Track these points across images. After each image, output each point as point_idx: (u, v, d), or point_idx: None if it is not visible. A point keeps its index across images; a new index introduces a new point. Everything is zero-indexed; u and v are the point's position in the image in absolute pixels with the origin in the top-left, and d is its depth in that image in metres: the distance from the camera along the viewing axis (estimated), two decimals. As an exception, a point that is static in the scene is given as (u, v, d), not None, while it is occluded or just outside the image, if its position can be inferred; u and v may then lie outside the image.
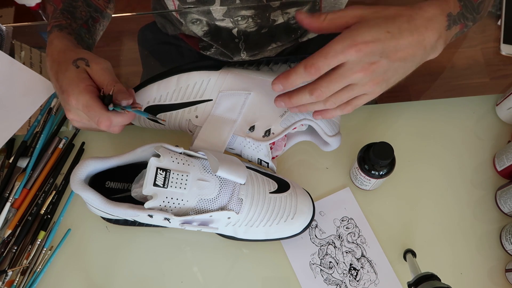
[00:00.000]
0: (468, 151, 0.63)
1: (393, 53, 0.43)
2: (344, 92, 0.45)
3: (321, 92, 0.45)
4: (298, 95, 0.47)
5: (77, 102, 0.47)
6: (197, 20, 0.69)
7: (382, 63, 0.43)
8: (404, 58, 0.44)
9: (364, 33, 0.42)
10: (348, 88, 0.45)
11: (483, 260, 0.58)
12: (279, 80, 0.46)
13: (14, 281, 0.56)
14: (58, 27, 0.54)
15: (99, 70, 0.49)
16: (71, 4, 0.57)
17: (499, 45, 0.77)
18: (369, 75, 0.43)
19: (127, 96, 0.48)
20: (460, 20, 0.47)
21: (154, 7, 0.78)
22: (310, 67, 0.43)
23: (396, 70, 0.45)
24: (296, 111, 0.50)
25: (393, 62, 0.43)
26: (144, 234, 0.60)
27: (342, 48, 0.42)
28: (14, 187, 0.60)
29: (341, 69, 0.43)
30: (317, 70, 0.43)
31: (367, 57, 0.42)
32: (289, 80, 0.45)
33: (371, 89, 0.45)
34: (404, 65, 0.45)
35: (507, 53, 0.76)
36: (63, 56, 0.50)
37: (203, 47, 0.77)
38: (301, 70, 0.43)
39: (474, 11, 0.50)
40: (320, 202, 0.60)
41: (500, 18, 0.78)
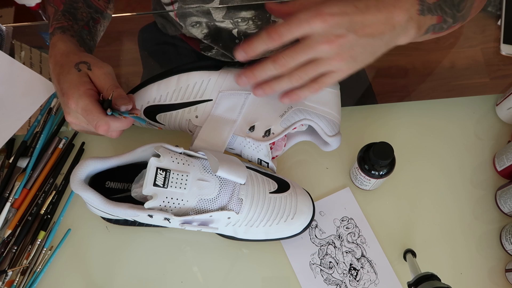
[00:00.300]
0: (468, 151, 0.63)
1: (360, 28, 0.42)
2: (309, 66, 0.44)
3: (284, 60, 0.43)
4: (261, 66, 0.45)
5: (76, 105, 0.47)
6: (196, 23, 0.69)
7: (348, 37, 0.42)
8: (372, 34, 0.43)
9: (331, 5, 0.41)
10: (314, 63, 0.44)
11: (483, 260, 0.58)
12: (242, 47, 0.44)
13: (14, 281, 0.56)
14: (61, 29, 0.54)
15: (100, 75, 0.49)
16: (72, 6, 0.57)
17: (499, 45, 0.77)
18: (335, 49, 0.42)
19: (127, 102, 0.48)
20: (437, 12, 0.47)
21: (154, 7, 0.78)
22: (272, 31, 0.42)
23: (364, 46, 0.44)
24: (261, 93, 0.48)
25: (360, 37, 0.42)
26: (144, 234, 0.60)
27: (307, 17, 0.41)
28: (14, 187, 0.60)
29: (306, 40, 0.42)
30: (279, 35, 0.42)
31: (333, 29, 0.41)
32: (252, 45, 0.43)
33: (338, 65, 0.44)
34: (372, 42, 0.44)
35: (507, 53, 0.76)
36: (66, 59, 0.50)
37: (203, 48, 0.77)
38: (264, 35, 0.42)
39: (454, 8, 0.49)
40: (320, 202, 0.60)
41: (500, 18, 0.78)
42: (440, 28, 0.49)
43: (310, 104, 0.57)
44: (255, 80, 0.46)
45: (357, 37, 0.42)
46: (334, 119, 0.57)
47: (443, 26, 0.49)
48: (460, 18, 0.51)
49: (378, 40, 0.44)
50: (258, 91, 0.48)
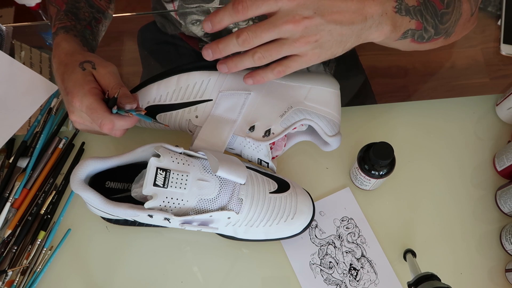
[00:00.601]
0: (468, 151, 0.63)
1: (329, 13, 0.41)
2: (273, 45, 0.43)
3: (248, 35, 0.42)
4: (226, 39, 0.44)
5: (81, 104, 0.47)
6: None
7: (315, 20, 0.41)
8: (340, 21, 0.42)
9: None
10: (278, 42, 0.43)
11: (483, 260, 0.58)
12: (208, 18, 0.44)
13: (14, 281, 0.56)
14: (64, 29, 0.54)
15: (105, 74, 0.49)
16: (74, 5, 0.57)
17: (499, 45, 0.77)
18: (300, 30, 0.42)
19: (132, 100, 0.48)
20: (417, 16, 0.46)
21: (154, 7, 0.78)
22: (238, 3, 0.41)
23: (331, 33, 0.42)
24: (225, 68, 0.47)
25: (327, 22, 0.41)
26: (144, 234, 0.60)
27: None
28: (14, 187, 0.60)
29: (271, 17, 0.42)
30: (244, 8, 0.41)
31: (300, 9, 0.41)
32: (217, 16, 0.43)
33: (302, 48, 0.43)
34: (340, 30, 0.42)
35: (507, 53, 0.76)
36: (70, 58, 0.50)
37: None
38: (229, 6, 0.42)
39: (436, 18, 0.48)
40: (320, 202, 0.60)
41: (500, 18, 0.78)
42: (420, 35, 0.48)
43: (310, 104, 0.57)
44: (219, 54, 0.46)
45: (325, 22, 0.41)
46: (334, 119, 0.57)
47: (423, 34, 0.49)
48: (442, 31, 0.50)
49: (347, 29, 0.43)
50: (221, 66, 0.48)
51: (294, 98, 0.57)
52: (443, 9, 0.49)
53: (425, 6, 0.47)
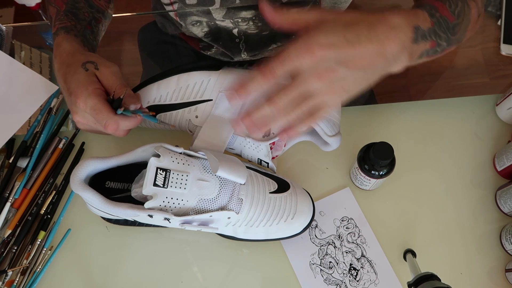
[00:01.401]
0: (468, 151, 0.63)
1: (351, 61, 0.41)
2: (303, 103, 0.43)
3: (279, 99, 0.43)
4: (257, 109, 0.44)
5: (85, 105, 0.47)
6: (197, 22, 0.69)
7: (339, 72, 0.41)
8: (363, 67, 0.42)
9: (320, 37, 0.40)
10: (306, 98, 0.43)
11: (483, 260, 0.58)
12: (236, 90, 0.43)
13: (14, 281, 0.56)
14: (64, 29, 0.54)
15: (108, 74, 0.49)
16: (74, 6, 0.57)
17: (499, 45, 0.77)
18: (325, 83, 0.42)
19: (136, 100, 0.49)
20: (431, 37, 0.46)
21: (154, 7, 0.78)
22: (265, 70, 0.41)
23: (356, 79, 0.43)
24: (257, 131, 0.47)
25: (351, 70, 0.41)
26: (144, 234, 0.60)
27: (297, 53, 0.40)
28: (14, 187, 0.60)
29: (297, 77, 0.42)
30: (272, 74, 0.41)
31: (323, 63, 0.40)
32: (245, 86, 0.43)
33: (329, 98, 0.43)
34: (363, 74, 0.43)
35: (507, 53, 0.76)
36: (72, 58, 0.50)
37: (203, 47, 0.77)
38: (257, 76, 0.42)
39: (448, 31, 0.48)
40: (320, 202, 0.60)
41: (500, 18, 0.78)
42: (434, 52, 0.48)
43: (310, 104, 0.57)
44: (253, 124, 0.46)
45: (348, 70, 0.41)
46: (334, 119, 0.57)
47: (437, 49, 0.49)
48: (454, 41, 0.50)
49: (370, 71, 0.43)
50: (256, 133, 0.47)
51: (294, 98, 0.57)
52: (454, 21, 0.48)
53: (438, 23, 0.47)
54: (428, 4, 0.47)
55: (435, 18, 0.46)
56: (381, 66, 0.43)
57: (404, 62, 0.44)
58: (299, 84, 0.42)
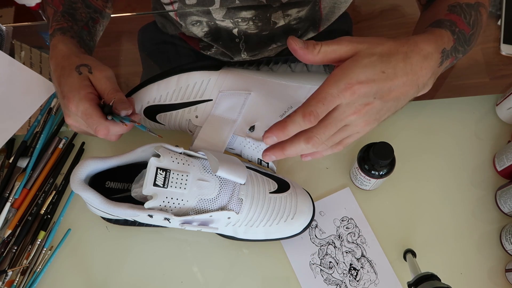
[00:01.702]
0: (468, 151, 0.63)
1: (387, 94, 0.41)
2: (337, 135, 0.44)
3: (318, 139, 0.42)
4: (293, 146, 0.42)
5: (76, 109, 0.47)
6: (197, 21, 0.69)
7: (375, 104, 0.41)
8: (397, 97, 0.42)
9: (359, 74, 0.40)
10: (341, 130, 0.43)
11: (483, 260, 0.58)
12: (273, 132, 0.41)
13: (14, 281, 0.56)
14: (61, 30, 0.54)
15: (101, 78, 0.49)
16: (71, 6, 0.57)
17: (499, 45, 0.77)
18: (362, 117, 0.42)
19: (127, 106, 0.48)
20: (452, 54, 0.47)
21: (154, 7, 0.78)
22: (309, 115, 0.40)
23: (389, 109, 0.44)
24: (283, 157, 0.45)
25: (386, 102, 0.42)
26: (144, 234, 0.60)
27: (338, 91, 0.40)
28: (14, 187, 0.60)
29: (335, 112, 0.41)
30: (316, 117, 0.40)
31: (361, 98, 0.41)
32: (286, 131, 0.41)
33: (362, 128, 0.44)
34: (396, 104, 0.43)
35: (507, 53, 0.76)
36: (67, 61, 0.50)
37: (203, 47, 0.77)
38: (299, 119, 0.40)
39: (465, 43, 0.49)
40: (320, 202, 0.60)
41: (500, 18, 0.78)
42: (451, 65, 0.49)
43: (310, 104, 0.57)
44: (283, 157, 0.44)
45: (383, 102, 0.42)
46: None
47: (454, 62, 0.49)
48: (468, 50, 0.51)
49: (402, 100, 0.43)
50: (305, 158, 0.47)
51: (294, 98, 0.57)
52: (470, 32, 0.49)
53: (458, 39, 0.47)
54: (447, 20, 0.48)
55: (455, 35, 0.47)
56: (412, 93, 0.43)
57: (430, 85, 0.45)
58: (338, 121, 0.42)
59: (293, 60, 0.60)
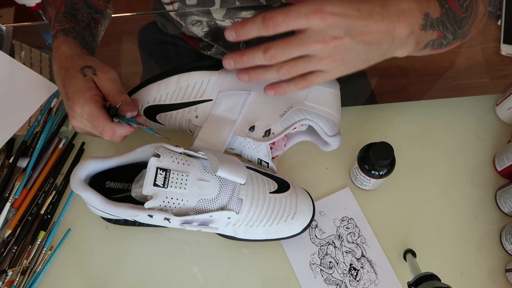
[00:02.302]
0: (468, 151, 0.63)
1: (359, 34, 0.41)
2: (299, 62, 0.43)
3: (275, 52, 0.41)
4: (251, 53, 0.43)
5: (82, 111, 0.47)
6: (197, 21, 0.69)
7: (344, 40, 0.41)
8: (369, 42, 0.41)
9: (334, 5, 0.40)
10: (304, 59, 0.42)
11: (483, 260, 0.58)
12: (234, 27, 0.42)
13: (14, 281, 0.56)
14: (64, 31, 0.54)
15: (106, 80, 0.49)
16: (72, 7, 0.57)
17: (499, 45, 0.77)
18: (329, 49, 0.41)
19: (132, 108, 0.48)
20: (439, 27, 0.46)
21: (154, 7, 0.78)
22: (268, 19, 0.40)
23: (358, 53, 0.42)
24: (246, 78, 0.46)
25: (356, 43, 0.41)
26: (144, 234, 0.60)
27: (307, 12, 0.40)
28: (14, 187, 0.60)
29: (301, 34, 0.41)
30: (275, 24, 0.40)
31: (331, 29, 0.40)
32: (245, 27, 0.41)
33: (328, 66, 0.43)
34: (367, 50, 0.42)
35: (507, 53, 0.76)
36: (71, 62, 0.50)
37: (203, 47, 0.77)
38: (259, 20, 0.40)
39: (456, 24, 0.48)
40: (320, 202, 0.60)
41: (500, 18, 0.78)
42: (439, 44, 0.48)
43: (310, 104, 0.57)
44: (241, 66, 0.44)
45: (353, 42, 0.41)
46: (334, 119, 0.57)
47: (443, 42, 0.49)
48: (460, 35, 0.50)
49: (375, 49, 0.43)
50: (243, 76, 0.46)
51: (294, 98, 0.57)
52: (462, 14, 0.48)
53: (447, 14, 0.47)
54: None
55: (444, 9, 0.46)
56: (387, 46, 0.43)
57: (410, 48, 0.44)
58: (301, 44, 0.41)
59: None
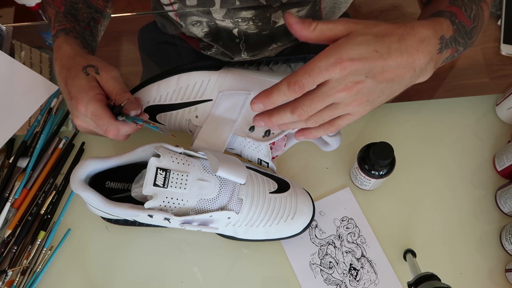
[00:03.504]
0: (468, 151, 0.63)
1: (380, 74, 0.40)
2: (326, 111, 0.43)
3: (303, 111, 0.42)
4: (279, 114, 0.43)
5: (86, 110, 0.47)
6: (197, 22, 0.69)
7: (367, 83, 0.41)
8: (391, 79, 0.41)
9: (351, 50, 0.39)
10: (330, 107, 0.42)
11: (483, 260, 0.58)
12: (259, 99, 0.42)
13: (14, 281, 0.56)
14: (64, 31, 0.54)
15: (109, 79, 0.49)
16: (72, 7, 0.57)
17: (499, 45, 0.77)
18: (353, 95, 0.41)
19: (136, 106, 0.49)
20: (452, 44, 0.46)
21: (154, 7, 0.78)
22: (293, 84, 0.40)
23: (382, 91, 0.42)
24: (277, 129, 0.49)
25: (379, 83, 0.41)
26: (144, 234, 0.60)
27: (327, 65, 0.39)
28: (14, 187, 0.60)
29: (324, 87, 0.41)
30: (301, 88, 0.40)
31: (352, 75, 0.40)
32: (271, 98, 0.41)
33: (354, 109, 0.43)
34: (391, 86, 0.42)
35: (507, 53, 0.76)
36: (73, 62, 0.50)
37: (203, 47, 0.77)
38: (284, 88, 0.40)
39: (466, 36, 0.48)
40: (320, 202, 0.60)
41: (500, 18, 0.78)
42: (451, 58, 0.49)
43: (310, 104, 0.57)
44: (271, 125, 0.45)
45: (376, 83, 0.41)
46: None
47: (455, 55, 0.49)
48: (469, 45, 0.50)
49: (397, 83, 0.42)
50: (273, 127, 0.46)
51: (294, 98, 0.57)
52: (471, 25, 0.48)
53: (458, 30, 0.47)
54: (447, 11, 0.47)
55: (455, 25, 0.46)
56: (409, 78, 0.42)
57: (430, 72, 0.44)
58: (326, 97, 0.41)
59: (293, 60, 0.60)
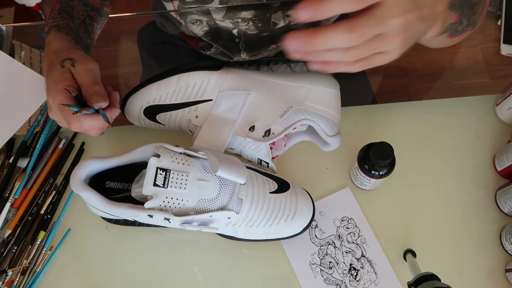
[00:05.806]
0: (468, 151, 0.63)
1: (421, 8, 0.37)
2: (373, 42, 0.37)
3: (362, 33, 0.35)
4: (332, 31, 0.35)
5: (53, 102, 0.47)
6: (197, 20, 0.69)
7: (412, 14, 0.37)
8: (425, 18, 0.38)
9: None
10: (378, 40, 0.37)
11: (483, 260, 0.58)
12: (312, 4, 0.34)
13: (14, 281, 0.56)
14: (56, 27, 0.54)
15: (82, 71, 0.48)
16: (68, 4, 0.57)
17: (499, 45, 0.77)
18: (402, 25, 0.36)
19: (100, 99, 0.47)
20: (458, 10, 0.45)
21: (154, 7, 0.78)
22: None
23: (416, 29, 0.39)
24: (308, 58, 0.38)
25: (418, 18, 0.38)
26: (144, 234, 0.60)
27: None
28: (14, 187, 0.60)
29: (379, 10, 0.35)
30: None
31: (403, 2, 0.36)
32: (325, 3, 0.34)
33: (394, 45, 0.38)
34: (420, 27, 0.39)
35: (507, 53, 0.76)
36: (56, 56, 0.50)
37: (203, 47, 0.77)
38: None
39: (470, 10, 0.48)
40: (320, 202, 0.60)
41: (500, 18, 0.78)
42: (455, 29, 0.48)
43: (310, 104, 0.57)
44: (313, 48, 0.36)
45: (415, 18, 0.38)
46: (334, 119, 0.57)
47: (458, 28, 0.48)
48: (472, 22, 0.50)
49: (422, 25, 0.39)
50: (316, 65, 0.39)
51: (294, 98, 0.57)
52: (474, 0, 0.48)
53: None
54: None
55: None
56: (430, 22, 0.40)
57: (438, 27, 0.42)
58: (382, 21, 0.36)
59: (293, 60, 0.60)
